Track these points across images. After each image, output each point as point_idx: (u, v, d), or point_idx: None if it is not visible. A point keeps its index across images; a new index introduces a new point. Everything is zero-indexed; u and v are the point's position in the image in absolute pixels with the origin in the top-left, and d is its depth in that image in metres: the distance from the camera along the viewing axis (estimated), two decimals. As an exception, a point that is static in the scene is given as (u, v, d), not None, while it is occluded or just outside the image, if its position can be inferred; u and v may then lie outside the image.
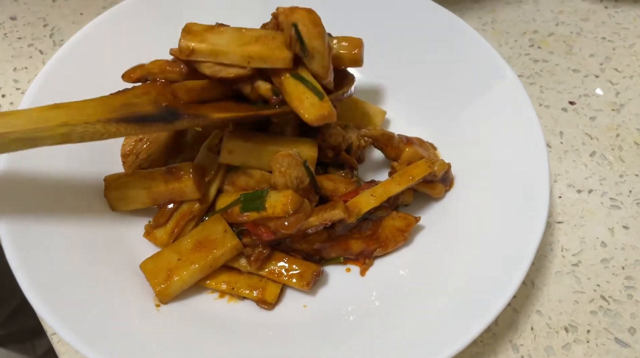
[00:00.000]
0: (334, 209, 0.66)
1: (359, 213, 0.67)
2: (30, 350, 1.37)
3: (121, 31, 0.82)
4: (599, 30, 1.01)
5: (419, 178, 0.70)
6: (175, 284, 0.64)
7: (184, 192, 0.68)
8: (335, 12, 0.88)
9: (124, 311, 0.63)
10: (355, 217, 0.67)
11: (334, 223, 0.67)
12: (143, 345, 0.60)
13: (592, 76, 0.95)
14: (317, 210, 0.67)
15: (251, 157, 0.70)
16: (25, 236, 0.62)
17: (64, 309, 0.58)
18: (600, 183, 0.83)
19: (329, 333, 0.65)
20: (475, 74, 0.79)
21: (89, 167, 0.73)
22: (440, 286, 0.66)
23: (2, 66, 0.92)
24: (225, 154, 0.69)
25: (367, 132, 0.74)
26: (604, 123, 0.89)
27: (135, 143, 0.75)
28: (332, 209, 0.66)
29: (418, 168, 0.70)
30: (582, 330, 0.71)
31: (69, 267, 0.63)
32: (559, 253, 0.77)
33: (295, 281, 0.68)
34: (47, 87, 0.74)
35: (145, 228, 0.71)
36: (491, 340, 0.70)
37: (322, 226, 0.66)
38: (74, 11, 1.00)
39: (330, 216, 0.65)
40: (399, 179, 0.70)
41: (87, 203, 0.70)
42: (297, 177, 0.65)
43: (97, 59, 0.79)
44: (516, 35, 1.00)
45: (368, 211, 0.68)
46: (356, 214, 0.67)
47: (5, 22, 0.98)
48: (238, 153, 0.69)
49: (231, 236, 0.67)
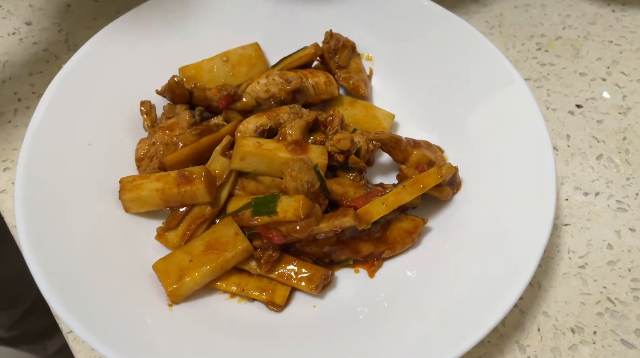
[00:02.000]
0: (345, 216, 0.67)
1: (370, 221, 0.68)
2: (41, 350, 1.39)
3: (134, 36, 0.83)
4: (606, 33, 1.01)
5: (429, 187, 0.70)
6: (187, 285, 0.66)
7: (195, 195, 0.70)
8: (343, 16, 0.89)
9: (138, 310, 0.64)
10: (365, 224, 0.68)
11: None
12: (156, 343, 0.61)
13: (599, 79, 0.95)
14: (328, 216, 0.68)
15: (262, 164, 0.71)
16: (43, 237, 0.64)
17: (80, 308, 0.60)
18: (607, 185, 0.83)
19: (338, 333, 0.66)
20: (482, 77, 0.80)
21: (105, 170, 0.74)
22: (447, 287, 0.67)
23: (18, 71, 0.94)
24: (237, 161, 0.71)
25: (375, 136, 0.75)
26: (611, 126, 0.90)
27: (148, 147, 0.76)
28: (343, 217, 0.67)
29: (429, 177, 0.71)
30: (588, 332, 0.71)
31: (85, 267, 0.65)
32: (565, 255, 0.77)
33: (304, 285, 0.69)
34: (62, 91, 0.76)
35: (157, 230, 0.72)
36: (498, 340, 0.71)
37: (332, 233, 0.68)
38: (88, 16, 1.02)
39: (341, 224, 0.67)
40: (410, 188, 0.70)
41: (102, 205, 0.72)
42: (308, 181, 0.66)
43: (111, 64, 0.81)
44: (523, 39, 1.01)
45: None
46: (367, 221, 0.68)
47: (20, 27, 1.00)
48: (250, 160, 0.70)
49: (242, 239, 0.68)
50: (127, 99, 0.81)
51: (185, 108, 0.79)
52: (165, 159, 0.74)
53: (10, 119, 0.89)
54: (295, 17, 0.90)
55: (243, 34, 0.89)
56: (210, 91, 0.80)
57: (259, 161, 0.70)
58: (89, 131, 0.76)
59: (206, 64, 0.86)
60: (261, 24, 0.90)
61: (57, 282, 0.61)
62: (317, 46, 0.86)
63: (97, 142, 0.76)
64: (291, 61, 0.85)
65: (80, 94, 0.77)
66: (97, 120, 0.77)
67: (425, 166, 0.75)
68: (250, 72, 0.87)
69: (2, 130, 0.88)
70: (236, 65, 0.87)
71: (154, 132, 0.77)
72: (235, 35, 0.88)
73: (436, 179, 0.70)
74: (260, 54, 0.88)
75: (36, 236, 0.64)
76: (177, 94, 0.78)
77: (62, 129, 0.73)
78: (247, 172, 0.72)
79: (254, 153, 0.70)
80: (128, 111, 0.80)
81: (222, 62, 0.86)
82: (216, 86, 0.82)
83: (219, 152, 0.74)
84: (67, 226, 0.67)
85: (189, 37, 0.87)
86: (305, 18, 0.90)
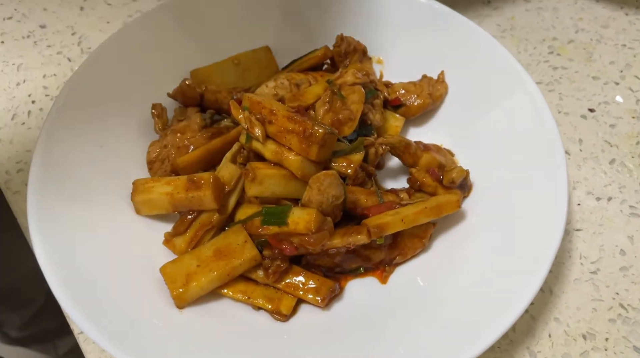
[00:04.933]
0: (359, 234, 0.67)
1: (385, 234, 0.68)
2: (52, 350, 1.40)
3: (146, 39, 0.84)
4: (619, 37, 1.00)
5: (447, 213, 0.71)
6: (193, 290, 0.66)
7: (203, 201, 0.70)
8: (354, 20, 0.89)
9: (148, 312, 0.64)
10: (380, 239, 0.68)
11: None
12: (166, 345, 0.61)
13: (612, 83, 0.94)
14: (342, 233, 0.68)
15: (279, 186, 0.69)
16: (55, 238, 0.65)
17: (91, 309, 0.60)
18: (620, 190, 0.83)
19: (347, 338, 0.65)
20: (493, 81, 0.80)
21: (117, 172, 0.75)
22: (457, 292, 0.66)
23: (32, 73, 0.95)
24: (257, 187, 0.68)
25: (384, 140, 0.75)
26: (624, 131, 0.89)
27: (160, 149, 0.77)
28: (357, 234, 0.67)
29: (450, 205, 0.71)
30: (600, 338, 0.70)
31: (95, 269, 0.65)
32: (577, 261, 0.76)
33: (311, 297, 0.68)
34: (75, 93, 0.76)
35: (165, 235, 0.72)
36: (509, 346, 0.70)
37: (344, 249, 0.68)
38: (101, 20, 1.03)
39: (355, 241, 0.67)
40: (428, 212, 0.70)
41: (114, 207, 0.72)
42: (334, 196, 0.66)
43: (123, 66, 0.81)
44: (535, 43, 1.00)
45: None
46: (382, 235, 0.68)
47: (35, 30, 1.01)
48: (267, 184, 0.69)
49: (251, 247, 0.68)
50: (139, 102, 0.81)
51: (197, 111, 0.80)
52: (177, 162, 0.74)
53: (24, 121, 0.90)
54: (307, 21, 0.91)
55: (254, 38, 0.89)
56: (220, 93, 0.80)
57: (275, 184, 0.69)
58: (101, 133, 0.76)
59: (217, 67, 0.86)
60: (272, 28, 0.91)
61: (68, 282, 0.61)
62: (326, 49, 0.86)
63: (109, 144, 0.77)
64: (300, 62, 0.85)
65: (93, 96, 0.78)
66: (109, 122, 0.78)
67: (435, 169, 0.75)
68: (261, 75, 0.87)
69: (16, 132, 0.89)
70: (247, 68, 0.87)
71: (166, 135, 0.78)
72: (247, 39, 0.89)
73: (455, 207, 0.71)
74: (271, 57, 0.89)
75: (48, 237, 0.64)
76: (188, 97, 0.79)
77: (75, 131, 0.74)
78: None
79: (270, 173, 0.68)
80: (140, 113, 0.81)
81: (233, 65, 0.87)
82: (227, 89, 0.82)
83: (229, 158, 0.74)
84: (79, 227, 0.68)
85: (200, 41, 0.88)
86: (316, 22, 0.90)
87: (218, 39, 0.89)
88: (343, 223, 0.71)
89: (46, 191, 0.68)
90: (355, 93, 0.74)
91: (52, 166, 0.70)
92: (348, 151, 0.71)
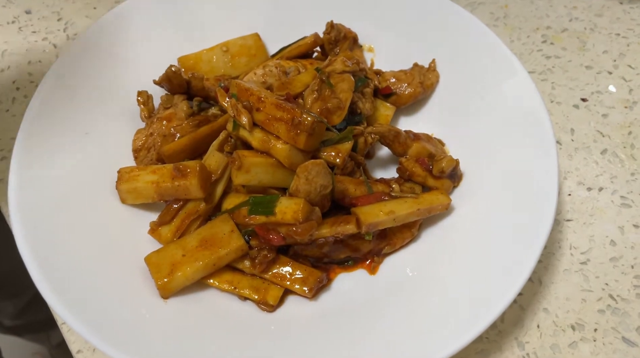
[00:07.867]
0: (348, 224, 0.66)
1: (374, 229, 0.67)
2: (45, 340, 1.39)
3: (133, 25, 0.82)
4: (613, 26, 0.99)
5: (437, 212, 0.71)
6: (178, 279, 0.65)
7: (189, 190, 0.69)
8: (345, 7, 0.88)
9: (132, 302, 0.63)
10: (369, 235, 0.68)
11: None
12: (149, 335, 0.60)
13: (605, 72, 0.94)
14: (330, 222, 0.67)
15: (266, 175, 0.68)
16: (37, 226, 0.64)
17: (73, 298, 0.60)
18: (611, 181, 0.82)
19: (335, 328, 0.65)
20: (485, 69, 0.79)
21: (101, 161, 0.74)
22: (446, 282, 0.66)
23: (16, 60, 0.94)
24: (243, 175, 0.67)
25: (373, 129, 0.74)
26: (616, 120, 0.88)
27: (146, 138, 0.76)
28: (346, 224, 0.66)
29: (441, 207, 0.71)
30: (589, 329, 0.70)
31: (79, 258, 0.64)
32: (567, 251, 0.76)
33: (298, 287, 0.67)
34: (60, 80, 0.75)
35: (151, 225, 0.71)
36: (497, 337, 0.70)
37: (333, 239, 0.67)
38: (88, 5, 1.01)
39: (344, 231, 0.66)
40: (423, 210, 0.69)
41: (98, 195, 0.71)
42: (322, 185, 0.66)
43: (109, 53, 0.80)
44: (528, 31, 0.99)
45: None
46: (372, 231, 0.67)
47: (20, 16, 0.99)
48: (254, 173, 0.68)
49: (237, 237, 0.67)
50: (125, 90, 0.80)
51: (183, 99, 0.78)
52: (163, 150, 0.73)
53: (8, 108, 0.88)
54: (297, 8, 0.89)
55: (243, 24, 0.88)
56: (208, 81, 0.79)
57: (262, 173, 0.68)
58: (86, 120, 0.75)
59: (205, 54, 0.85)
60: (262, 15, 0.89)
61: (50, 271, 0.60)
62: (316, 36, 0.85)
63: (94, 132, 0.75)
64: (290, 50, 0.84)
65: (78, 83, 0.76)
66: (94, 110, 0.77)
67: (425, 158, 0.74)
68: (250, 62, 0.86)
69: (0, 119, 0.87)
70: (236, 55, 0.86)
71: (152, 123, 0.77)
72: (236, 26, 0.87)
73: (445, 207, 0.71)
74: (261, 44, 0.87)
75: (30, 225, 0.63)
76: (174, 84, 0.77)
77: (59, 118, 0.73)
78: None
79: (256, 162, 0.67)
80: (126, 101, 0.80)
81: (222, 52, 0.85)
82: (214, 76, 0.81)
83: (216, 147, 0.73)
84: (62, 215, 0.67)
85: (188, 27, 0.87)
86: (307, 9, 0.89)
87: (207, 25, 0.87)
88: (332, 213, 0.71)
89: (29, 179, 0.67)
90: (345, 81, 0.73)
91: (35, 154, 0.69)
92: (337, 140, 0.70)
